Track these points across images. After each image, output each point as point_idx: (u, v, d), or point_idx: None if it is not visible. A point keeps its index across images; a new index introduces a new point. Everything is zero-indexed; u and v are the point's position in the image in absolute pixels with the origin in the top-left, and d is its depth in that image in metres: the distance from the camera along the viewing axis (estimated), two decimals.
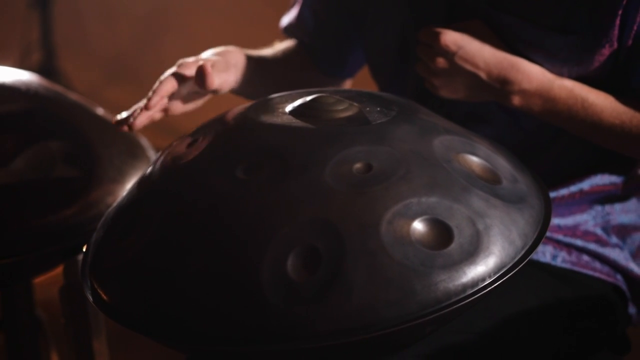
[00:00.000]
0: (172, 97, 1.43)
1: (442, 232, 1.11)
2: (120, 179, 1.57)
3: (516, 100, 1.40)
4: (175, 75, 1.40)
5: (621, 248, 1.53)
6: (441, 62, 1.40)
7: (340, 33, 1.68)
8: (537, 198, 1.24)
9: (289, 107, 1.26)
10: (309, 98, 1.26)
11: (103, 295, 1.20)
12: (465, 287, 1.09)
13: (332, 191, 1.12)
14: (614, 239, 1.52)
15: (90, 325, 1.59)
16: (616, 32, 1.37)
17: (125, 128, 1.41)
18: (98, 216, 1.43)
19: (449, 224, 1.12)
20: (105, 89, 4.02)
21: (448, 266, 1.09)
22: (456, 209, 1.13)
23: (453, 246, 1.10)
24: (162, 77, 1.40)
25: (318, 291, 1.06)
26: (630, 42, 1.38)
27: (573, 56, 1.40)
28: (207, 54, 1.50)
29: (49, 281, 1.76)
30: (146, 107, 1.39)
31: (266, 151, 1.19)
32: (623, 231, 1.54)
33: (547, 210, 1.23)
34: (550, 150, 1.50)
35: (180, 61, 1.43)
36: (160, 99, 1.39)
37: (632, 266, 1.53)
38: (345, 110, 1.25)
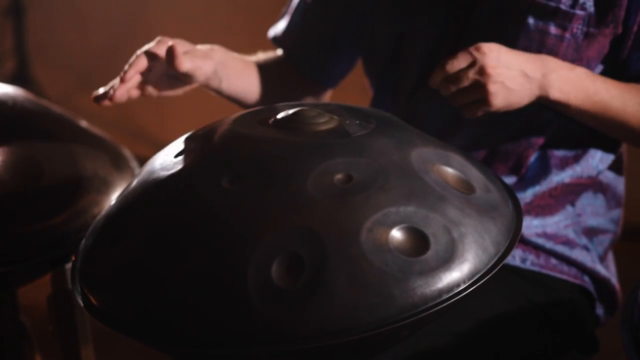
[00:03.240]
0: (147, 75, 1.48)
1: (419, 240, 1.16)
2: (105, 189, 1.61)
3: (556, 91, 1.43)
4: (148, 52, 1.45)
5: (589, 250, 1.60)
6: (491, 66, 1.40)
7: (328, 44, 1.73)
8: (509, 207, 1.29)
9: (272, 120, 1.31)
10: (291, 111, 1.31)
11: (93, 300, 1.24)
12: (441, 292, 1.14)
13: (315, 201, 1.17)
14: (584, 240, 1.59)
15: (77, 332, 1.63)
16: (622, 12, 1.44)
17: (107, 102, 1.45)
18: (84, 226, 1.47)
19: (425, 232, 1.17)
20: (78, 96, 4.03)
21: (425, 272, 1.14)
22: (432, 218, 1.18)
23: (429, 253, 1.16)
24: (138, 52, 1.45)
25: (301, 296, 1.11)
26: (635, 27, 1.45)
27: (582, 34, 1.46)
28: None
29: (32, 288, 1.79)
30: (122, 80, 1.44)
31: (251, 162, 1.23)
32: (592, 233, 1.61)
33: (518, 219, 1.29)
34: (535, 139, 1.56)
35: (159, 38, 1.47)
36: (135, 73, 1.44)
37: (599, 268, 1.60)
38: (326, 123, 1.30)
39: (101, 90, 1.48)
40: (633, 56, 1.48)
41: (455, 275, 1.16)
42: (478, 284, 1.17)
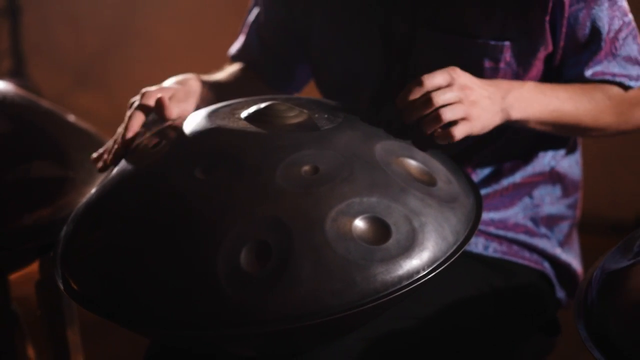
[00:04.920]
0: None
1: (381, 229, 1.23)
2: (91, 181, 1.67)
3: (516, 112, 1.46)
4: (141, 107, 1.49)
5: (549, 237, 1.67)
6: (467, 89, 1.38)
7: (286, 53, 1.78)
8: (469, 198, 1.36)
9: (244, 114, 1.38)
10: (262, 105, 1.37)
11: (73, 284, 1.30)
12: (401, 278, 1.21)
13: (282, 191, 1.23)
14: (543, 229, 1.67)
15: (64, 316, 1.69)
16: (548, 35, 1.51)
17: (100, 164, 1.48)
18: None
19: (387, 221, 1.23)
20: (73, 95, 4.09)
21: (386, 260, 1.20)
22: (394, 208, 1.24)
23: (391, 242, 1.22)
24: (129, 112, 1.49)
25: (268, 282, 1.17)
26: (562, 43, 1.52)
27: (515, 61, 1.53)
28: (168, 83, 1.58)
29: (23, 279, 1.85)
30: (124, 144, 1.45)
31: (223, 154, 1.30)
32: (551, 221, 1.68)
33: (478, 208, 1.35)
34: (486, 149, 1.62)
35: (144, 90, 1.51)
36: (133, 133, 1.47)
37: (559, 253, 1.67)
38: (295, 117, 1.36)
39: (98, 154, 1.51)
40: (570, 61, 1.56)
41: (415, 262, 1.22)
42: (437, 271, 1.23)
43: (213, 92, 1.65)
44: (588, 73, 1.54)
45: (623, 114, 1.57)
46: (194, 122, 1.39)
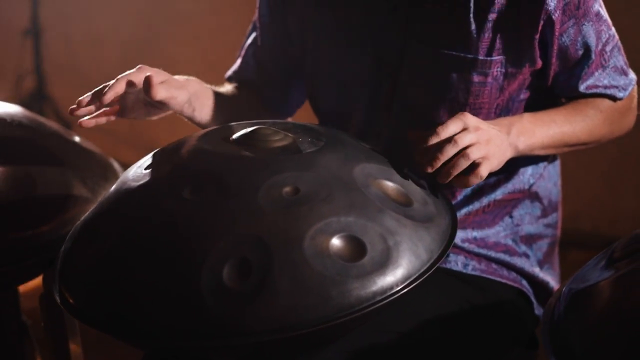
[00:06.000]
0: (125, 100, 1.59)
1: (357, 247, 1.29)
2: (93, 199, 1.75)
3: (522, 144, 1.55)
4: (128, 77, 1.56)
5: (528, 256, 1.73)
6: (480, 130, 1.45)
7: (281, 76, 1.85)
8: (445, 218, 1.42)
9: (232, 137, 1.45)
10: (249, 129, 1.45)
11: (69, 298, 1.38)
12: (375, 294, 1.27)
13: (263, 211, 1.30)
14: (523, 247, 1.73)
15: (66, 328, 1.77)
16: (536, 53, 1.58)
17: (77, 112, 1.55)
18: None
19: (363, 239, 1.30)
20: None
21: (361, 276, 1.27)
22: (370, 227, 1.31)
23: (366, 259, 1.28)
24: (119, 77, 1.56)
25: (248, 296, 1.24)
26: (554, 59, 1.60)
27: (502, 76, 1.60)
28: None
29: (33, 292, 1.94)
30: (101, 102, 1.53)
31: (209, 175, 1.37)
32: (530, 239, 1.75)
33: (453, 228, 1.41)
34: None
35: (140, 65, 1.59)
36: (113, 96, 1.53)
37: (537, 272, 1.73)
38: (280, 140, 1.43)
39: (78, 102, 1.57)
40: (559, 79, 1.64)
41: (389, 279, 1.28)
42: (410, 287, 1.29)
43: (210, 96, 1.72)
44: (582, 87, 1.64)
45: (615, 123, 1.68)
46: (185, 145, 1.47)
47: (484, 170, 1.45)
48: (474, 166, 1.44)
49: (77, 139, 1.89)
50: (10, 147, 1.76)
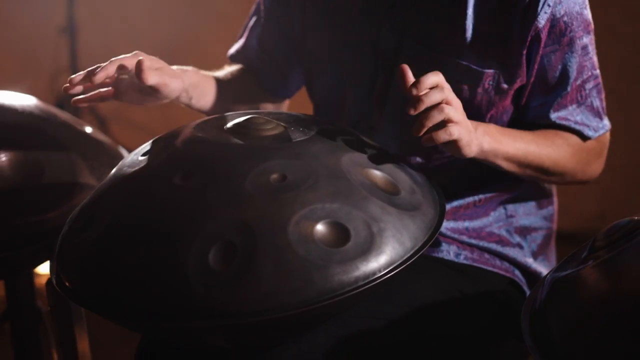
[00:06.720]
0: (118, 84, 1.63)
1: (340, 233, 1.32)
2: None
3: (487, 143, 1.54)
4: (121, 61, 1.60)
5: (522, 247, 1.74)
6: (460, 105, 1.46)
7: (282, 59, 1.89)
8: (432, 208, 1.44)
9: (226, 126, 1.48)
10: (242, 119, 1.48)
11: (65, 281, 1.42)
12: (358, 279, 1.30)
13: (251, 196, 1.34)
14: (517, 238, 1.74)
15: (71, 312, 1.81)
16: (524, 68, 1.60)
17: (68, 88, 1.60)
18: None
19: (347, 226, 1.32)
20: (130, 109, 4.22)
21: (344, 261, 1.30)
22: (355, 214, 1.34)
23: (350, 245, 1.31)
24: (113, 59, 1.60)
25: (233, 279, 1.28)
26: (533, 78, 1.61)
27: (494, 90, 1.61)
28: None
29: (47, 278, 1.98)
30: (92, 82, 1.58)
31: (200, 162, 1.41)
32: (525, 231, 1.76)
33: (440, 217, 1.43)
34: (462, 162, 1.69)
35: (136, 52, 1.62)
36: (104, 77, 1.58)
37: (530, 262, 1.74)
38: (272, 129, 1.46)
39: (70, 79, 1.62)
40: (532, 103, 1.65)
41: (372, 265, 1.31)
42: (392, 273, 1.32)
43: (208, 84, 1.78)
44: (553, 116, 1.65)
45: (580, 162, 1.67)
46: (180, 133, 1.50)
47: (454, 130, 1.43)
48: (445, 124, 1.44)
49: (88, 129, 1.93)
50: (20, 134, 1.81)
